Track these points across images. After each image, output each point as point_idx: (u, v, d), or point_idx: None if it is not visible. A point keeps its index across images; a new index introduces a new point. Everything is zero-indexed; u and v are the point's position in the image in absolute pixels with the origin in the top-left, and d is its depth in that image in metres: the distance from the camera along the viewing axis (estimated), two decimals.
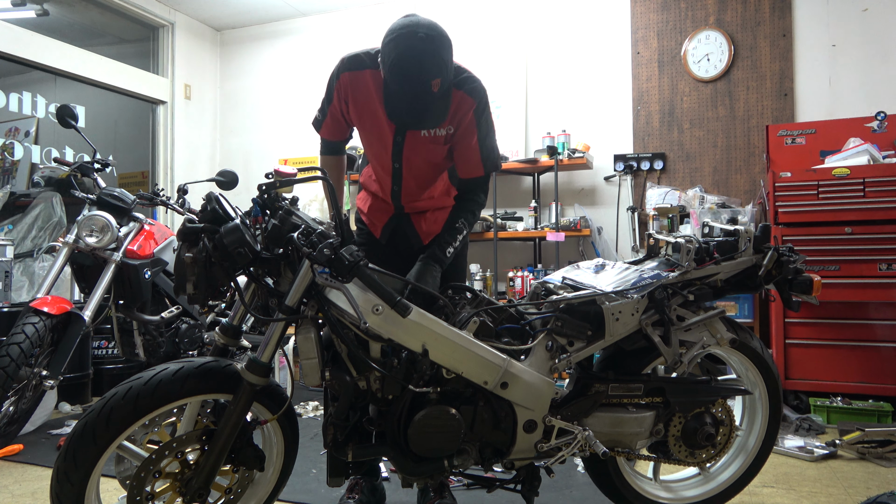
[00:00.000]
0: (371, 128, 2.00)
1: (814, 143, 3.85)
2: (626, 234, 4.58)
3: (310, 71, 5.55)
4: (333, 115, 2.04)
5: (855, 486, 2.43)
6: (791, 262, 1.87)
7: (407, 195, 2.11)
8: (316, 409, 3.66)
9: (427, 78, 1.71)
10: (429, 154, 2.00)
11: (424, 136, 1.95)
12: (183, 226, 1.55)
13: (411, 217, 2.16)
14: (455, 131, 1.96)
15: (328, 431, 1.63)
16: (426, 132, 1.94)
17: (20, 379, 2.64)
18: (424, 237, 2.16)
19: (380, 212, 2.19)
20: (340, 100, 1.99)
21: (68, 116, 3.08)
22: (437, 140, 1.96)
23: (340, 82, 1.96)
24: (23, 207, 4.46)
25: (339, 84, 1.97)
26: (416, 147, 1.98)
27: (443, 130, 1.95)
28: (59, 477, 1.46)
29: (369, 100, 1.95)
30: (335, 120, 2.05)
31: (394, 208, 2.16)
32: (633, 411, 1.82)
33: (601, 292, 1.74)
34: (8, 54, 4.35)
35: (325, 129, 2.10)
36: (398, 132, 1.96)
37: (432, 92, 1.73)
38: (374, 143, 2.04)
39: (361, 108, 1.97)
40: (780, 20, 4.32)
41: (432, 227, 2.16)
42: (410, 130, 1.95)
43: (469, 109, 1.92)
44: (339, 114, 2.03)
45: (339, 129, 2.09)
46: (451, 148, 2.02)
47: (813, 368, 3.42)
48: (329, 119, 2.06)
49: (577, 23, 4.82)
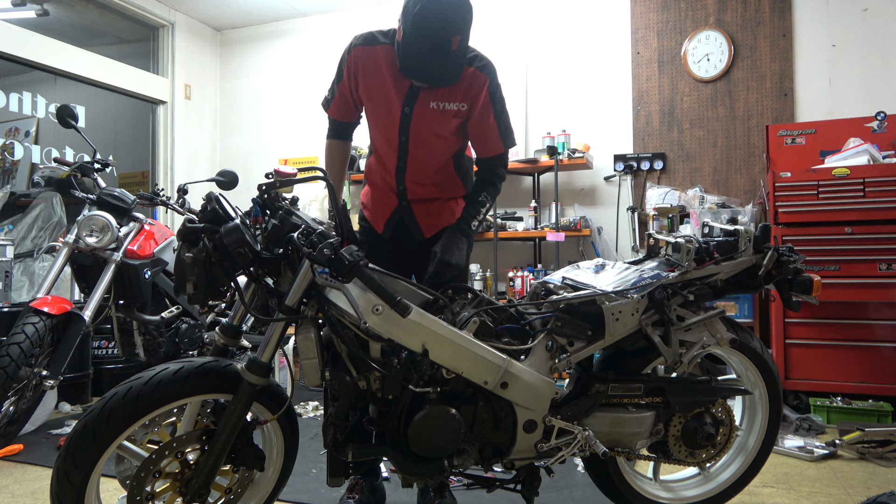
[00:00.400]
0: (379, 101, 2.02)
1: (814, 143, 3.85)
2: (626, 234, 4.58)
3: (310, 71, 5.55)
4: (342, 93, 2.08)
5: (855, 486, 2.43)
6: (791, 262, 1.87)
7: (412, 174, 2.09)
8: (316, 409, 3.66)
9: (449, 33, 1.76)
10: (437, 126, 2.01)
11: (433, 108, 1.97)
12: (183, 226, 1.55)
13: (413, 208, 2.14)
14: (469, 110, 2.00)
15: (328, 431, 1.63)
16: (435, 104, 1.97)
17: (20, 379, 2.64)
18: (426, 230, 2.15)
19: (382, 204, 2.17)
20: (350, 75, 2.03)
21: (68, 116, 3.08)
22: (446, 114, 1.98)
23: (351, 56, 2.01)
24: (23, 207, 4.46)
25: (349, 58, 2.01)
26: (424, 119, 1.99)
27: (453, 105, 1.98)
28: (59, 477, 1.46)
29: (379, 73, 1.98)
30: (343, 98, 2.09)
31: (397, 198, 2.14)
32: (633, 411, 1.82)
33: (601, 292, 1.74)
34: (8, 54, 4.35)
35: (334, 107, 2.13)
36: (406, 103, 1.98)
37: (451, 49, 1.78)
38: (382, 118, 2.04)
39: (371, 81, 2.00)
40: (780, 20, 4.32)
41: (435, 219, 2.15)
42: (419, 102, 1.96)
43: (483, 86, 1.97)
44: (348, 90, 2.06)
45: (347, 108, 2.11)
46: (461, 126, 2.05)
47: (813, 368, 3.42)
48: (338, 97, 2.10)
49: (577, 23, 4.82)
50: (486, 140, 2.07)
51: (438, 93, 1.97)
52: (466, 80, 1.96)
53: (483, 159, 2.11)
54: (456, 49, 1.80)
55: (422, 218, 2.15)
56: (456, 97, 1.98)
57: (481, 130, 2.05)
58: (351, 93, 2.07)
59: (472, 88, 1.97)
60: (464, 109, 2.00)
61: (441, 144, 2.07)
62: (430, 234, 2.15)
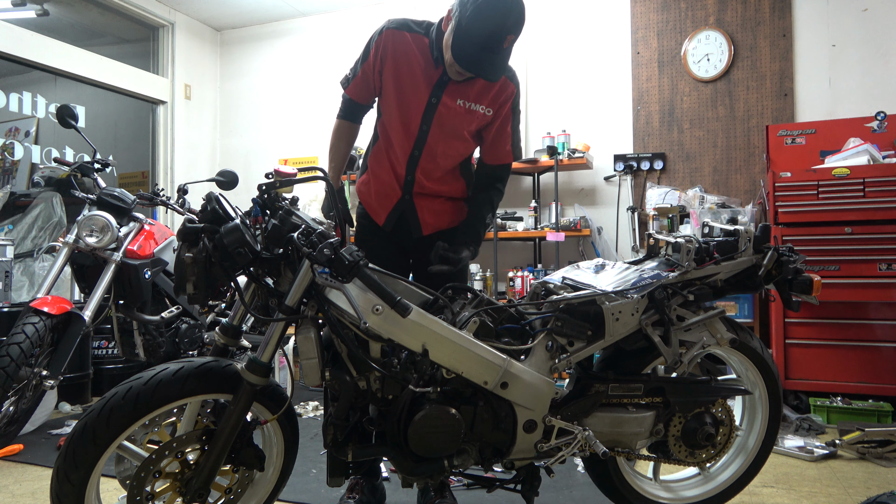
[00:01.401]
0: (407, 86, 2.02)
1: (814, 143, 3.85)
2: (626, 234, 4.58)
3: (310, 71, 5.55)
4: (365, 73, 2.08)
5: (855, 486, 2.43)
6: (791, 262, 1.87)
7: (424, 167, 2.09)
8: (316, 409, 3.66)
9: (506, 30, 1.79)
10: (459, 123, 2.03)
11: (460, 106, 2.00)
12: (183, 226, 1.55)
13: (416, 202, 2.13)
14: (494, 115, 2.03)
15: (328, 431, 1.63)
16: (462, 102, 2.00)
17: (20, 379, 2.64)
18: (425, 227, 2.15)
19: (384, 196, 2.15)
20: (377, 56, 2.03)
21: (68, 116, 3.08)
22: (471, 114, 2.01)
23: (382, 37, 2.01)
24: (23, 207, 4.46)
25: (380, 39, 2.02)
26: (448, 113, 2.01)
27: (479, 107, 2.01)
28: (59, 477, 1.46)
29: (410, 59, 1.99)
30: (365, 78, 2.08)
31: (401, 190, 2.12)
32: (633, 411, 1.82)
33: (601, 292, 1.74)
34: (8, 54, 4.36)
35: (353, 86, 2.13)
36: (434, 94, 1.99)
37: (503, 47, 1.81)
38: (406, 104, 2.03)
39: (400, 65, 2.01)
40: (780, 20, 4.32)
41: (437, 219, 2.15)
42: (447, 94, 1.99)
43: (511, 96, 2.03)
44: (372, 71, 2.06)
45: (367, 88, 2.11)
46: (480, 132, 2.08)
47: (813, 368, 3.42)
48: (360, 76, 2.09)
49: (577, 23, 4.82)
50: (500, 148, 2.11)
51: (468, 92, 2.00)
52: (497, 86, 2.00)
53: (491, 166, 2.14)
54: (506, 48, 1.83)
55: (422, 215, 2.14)
56: (484, 100, 2.01)
57: (498, 137, 2.08)
58: (374, 73, 2.06)
59: (500, 95, 2.01)
60: (489, 115, 2.03)
61: (459, 144, 2.09)
62: (428, 232, 2.15)
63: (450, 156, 2.10)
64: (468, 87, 2.00)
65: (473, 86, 2.01)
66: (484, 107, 2.01)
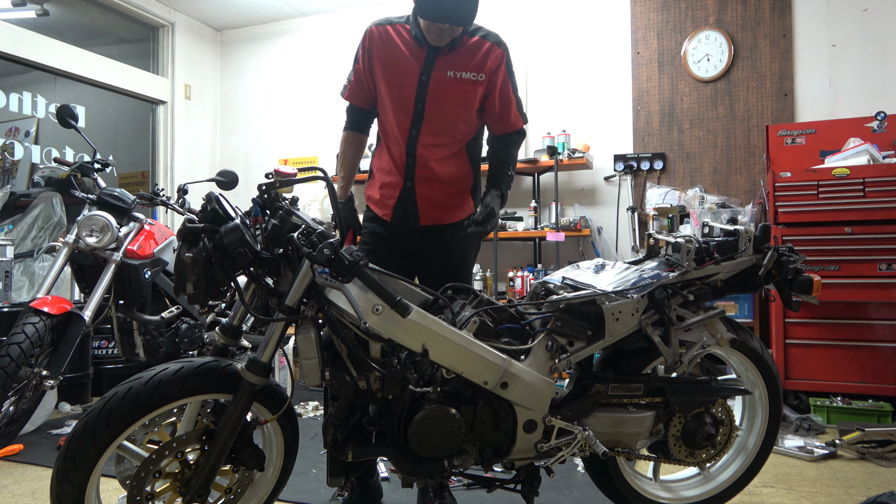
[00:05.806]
0: (396, 68, 2.08)
1: (814, 143, 3.85)
2: (626, 234, 4.58)
3: (310, 71, 5.55)
4: (357, 76, 2.16)
5: (855, 486, 2.43)
6: (791, 262, 1.87)
7: (424, 143, 2.10)
8: (316, 409, 3.66)
9: None
10: (454, 96, 2.07)
11: (451, 77, 2.05)
12: (183, 226, 1.55)
13: (417, 191, 2.14)
14: (490, 82, 2.08)
15: (328, 431, 1.63)
16: (452, 73, 2.04)
17: (20, 379, 2.64)
18: (423, 218, 2.15)
19: (388, 187, 2.17)
20: (365, 55, 2.11)
21: (68, 116, 3.08)
22: (462, 83, 2.05)
23: (366, 36, 2.11)
24: (23, 207, 4.47)
25: (365, 39, 2.11)
26: (442, 87, 2.06)
27: (469, 74, 2.05)
28: (59, 477, 1.46)
29: (395, 45, 2.07)
30: (358, 80, 2.16)
31: (403, 177, 2.14)
32: (633, 411, 1.82)
33: (601, 292, 1.74)
34: (8, 54, 4.35)
35: (350, 91, 2.20)
36: (424, 71, 2.04)
37: None
38: (398, 88, 2.08)
39: (387, 55, 2.08)
40: (780, 20, 4.32)
41: (435, 212, 2.15)
42: (436, 69, 2.04)
43: (500, 59, 2.08)
44: (363, 71, 2.13)
45: (362, 90, 2.17)
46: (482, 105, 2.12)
47: (813, 368, 3.42)
48: (353, 80, 2.18)
49: (577, 23, 4.82)
50: (507, 114, 2.16)
51: (455, 62, 2.04)
52: (482, 52, 2.05)
53: (499, 137, 2.21)
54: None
55: (422, 203, 2.14)
56: (472, 66, 2.05)
57: (503, 103, 2.13)
58: (365, 73, 2.13)
59: (487, 60, 2.06)
60: (482, 80, 2.07)
61: (457, 119, 2.11)
62: (427, 223, 2.15)
63: (449, 132, 2.12)
64: (454, 57, 2.05)
65: (460, 55, 2.06)
66: (473, 74, 2.06)
